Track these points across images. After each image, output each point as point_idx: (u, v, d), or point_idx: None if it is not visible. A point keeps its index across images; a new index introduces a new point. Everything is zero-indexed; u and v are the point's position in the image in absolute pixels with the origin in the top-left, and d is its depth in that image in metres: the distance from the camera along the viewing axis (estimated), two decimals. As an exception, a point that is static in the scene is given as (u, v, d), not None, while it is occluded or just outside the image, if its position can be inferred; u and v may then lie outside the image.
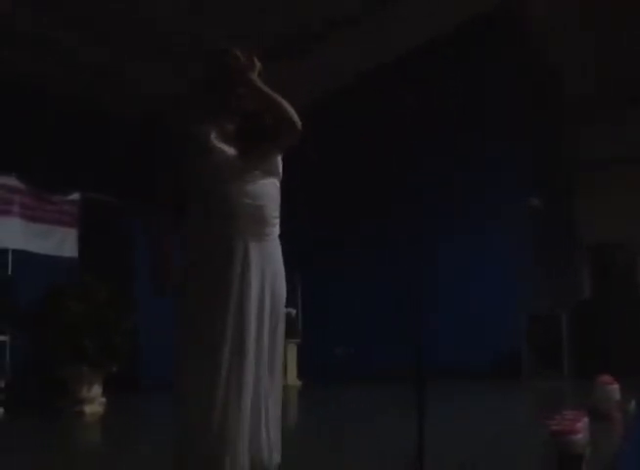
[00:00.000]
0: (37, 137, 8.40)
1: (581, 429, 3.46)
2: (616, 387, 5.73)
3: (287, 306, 3.15)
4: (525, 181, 11.91)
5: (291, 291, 3.25)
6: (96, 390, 7.34)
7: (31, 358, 7.47)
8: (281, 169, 3.00)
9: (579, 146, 14.97)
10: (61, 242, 8.59)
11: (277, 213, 2.93)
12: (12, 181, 7.97)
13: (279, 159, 2.99)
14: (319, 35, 10.04)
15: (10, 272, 7.70)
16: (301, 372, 10.58)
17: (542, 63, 13.21)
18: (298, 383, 10.52)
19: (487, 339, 10.19)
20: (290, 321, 7.89)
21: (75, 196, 8.81)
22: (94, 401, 7.29)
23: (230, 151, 2.83)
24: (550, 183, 13.33)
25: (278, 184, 2.98)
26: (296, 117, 2.85)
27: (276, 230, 2.94)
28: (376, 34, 10.40)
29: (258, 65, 2.93)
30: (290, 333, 7.27)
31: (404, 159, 10.65)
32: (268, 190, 2.89)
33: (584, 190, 15.02)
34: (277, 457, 2.88)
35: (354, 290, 11.28)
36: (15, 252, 7.86)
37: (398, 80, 9.76)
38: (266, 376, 2.85)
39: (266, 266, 2.86)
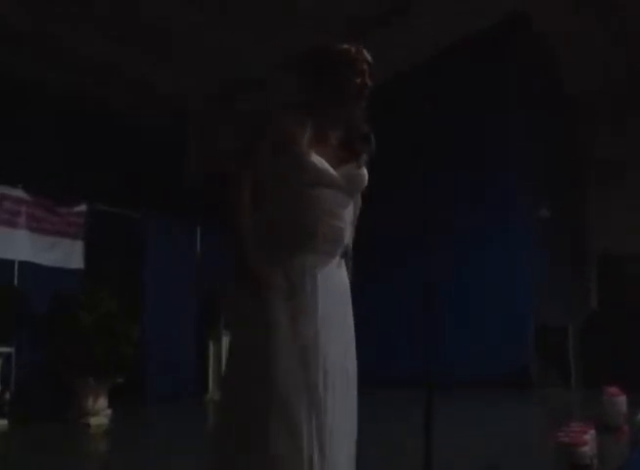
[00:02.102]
0: (43, 148, 8.41)
1: (588, 440, 3.43)
2: (623, 398, 5.70)
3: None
4: (536, 192, 11.87)
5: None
6: (102, 401, 7.32)
7: (37, 370, 7.46)
8: None
9: (593, 154, 14.94)
10: (67, 254, 8.57)
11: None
12: (18, 193, 7.96)
13: None
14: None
15: (16, 283, 7.69)
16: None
17: (555, 64, 13.15)
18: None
19: (496, 349, 10.13)
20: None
21: (82, 207, 8.80)
22: (99, 413, 7.28)
23: (327, 167, 2.55)
24: (561, 194, 13.29)
25: None
26: None
27: None
28: (389, 44, 10.41)
29: None
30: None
31: (418, 167, 10.56)
32: (348, 211, 2.67)
33: (595, 200, 14.99)
34: None
35: (368, 299, 11.21)
36: (21, 263, 7.86)
37: (414, 87, 9.71)
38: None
39: (329, 282, 2.59)
